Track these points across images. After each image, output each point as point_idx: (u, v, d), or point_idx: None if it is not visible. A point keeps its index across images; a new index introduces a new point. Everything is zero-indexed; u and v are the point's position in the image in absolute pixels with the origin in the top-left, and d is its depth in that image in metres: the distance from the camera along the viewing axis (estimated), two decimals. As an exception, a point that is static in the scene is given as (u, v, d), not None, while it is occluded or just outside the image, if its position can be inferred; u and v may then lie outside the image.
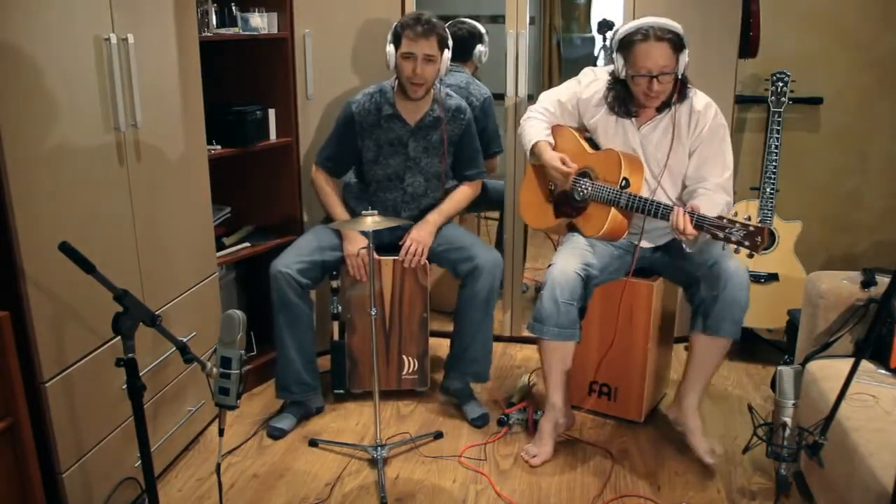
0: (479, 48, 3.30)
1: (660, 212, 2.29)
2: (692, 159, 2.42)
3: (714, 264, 2.34)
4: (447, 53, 2.64)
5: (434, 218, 2.78)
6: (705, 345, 2.41)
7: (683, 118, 2.40)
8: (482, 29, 3.33)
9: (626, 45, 2.31)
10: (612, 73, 2.42)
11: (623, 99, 2.42)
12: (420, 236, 2.73)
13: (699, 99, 2.42)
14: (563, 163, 2.47)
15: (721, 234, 2.12)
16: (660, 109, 2.42)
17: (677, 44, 2.28)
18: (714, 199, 2.32)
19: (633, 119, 2.44)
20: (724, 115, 2.45)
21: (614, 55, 2.36)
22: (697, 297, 2.41)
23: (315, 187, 2.87)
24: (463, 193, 2.87)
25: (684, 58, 2.31)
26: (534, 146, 2.57)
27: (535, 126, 2.61)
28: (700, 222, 2.17)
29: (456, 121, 2.79)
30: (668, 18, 2.31)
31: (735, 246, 2.13)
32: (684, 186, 2.47)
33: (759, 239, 2.06)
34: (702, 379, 2.47)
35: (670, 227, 2.25)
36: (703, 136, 2.39)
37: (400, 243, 2.75)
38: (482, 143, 2.97)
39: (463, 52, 3.24)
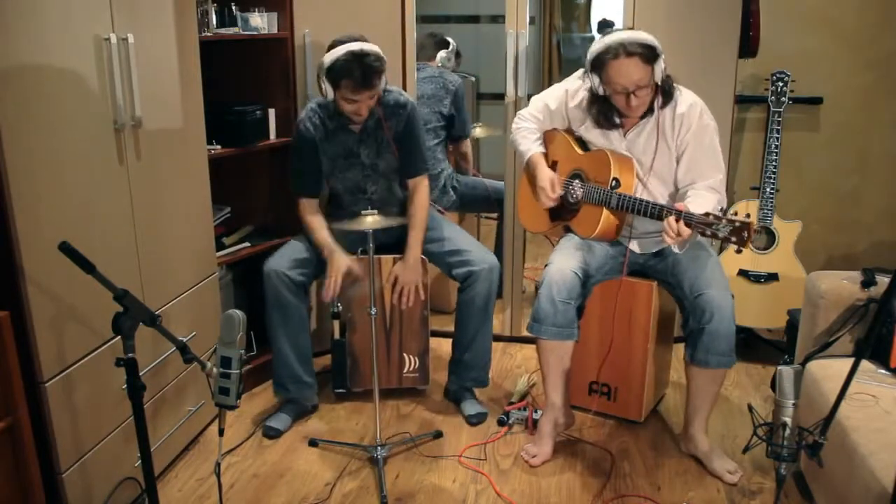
0: (442, 53, 3.55)
1: (650, 210, 2.28)
2: (681, 162, 2.40)
3: (699, 296, 2.32)
4: (385, 78, 2.53)
5: (414, 253, 2.69)
6: (699, 375, 2.40)
7: (668, 121, 2.37)
8: (449, 39, 3.65)
9: (599, 64, 2.27)
10: (591, 90, 2.37)
11: (606, 113, 2.39)
12: (408, 280, 2.71)
13: (684, 99, 2.37)
14: (552, 188, 2.50)
15: (708, 231, 2.12)
16: (643, 115, 2.39)
17: (649, 56, 2.23)
18: (704, 198, 2.30)
19: (619, 128, 2.43)
20: (719, 114, 2.43)
21: (589, 74, 2.33)
22: (687, 326, 2.40)
23: (305, 224, 2.73)
24: (422, 198, 2.73)
25: (660, 66, 2.26)
26: (528, 159, 2.59)
27: (528, 137, 2.61)
28: (688, 220, 2.15)
29: (396, 115, 2.66)
30: (639, 31, 2.27)
31: (723, 242, 2.13)
32: (677, 189, 2.45)
33: (745, 234, 2.05)
34: (704, 405, 2.45)
35: (664, 231, 2.20)
36: (688, 139, 2.36)
37: (389, 283, 2.74)
38: (456, 126, 3.30)
39: (428, 54, 3.55)
